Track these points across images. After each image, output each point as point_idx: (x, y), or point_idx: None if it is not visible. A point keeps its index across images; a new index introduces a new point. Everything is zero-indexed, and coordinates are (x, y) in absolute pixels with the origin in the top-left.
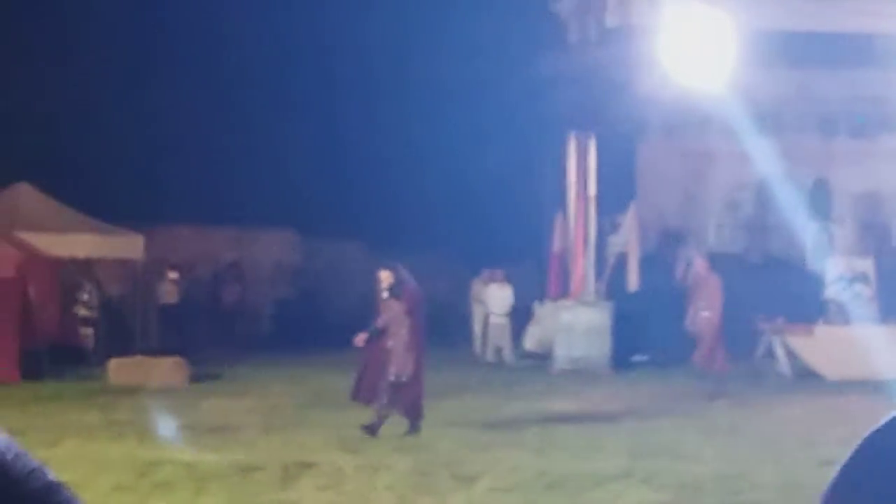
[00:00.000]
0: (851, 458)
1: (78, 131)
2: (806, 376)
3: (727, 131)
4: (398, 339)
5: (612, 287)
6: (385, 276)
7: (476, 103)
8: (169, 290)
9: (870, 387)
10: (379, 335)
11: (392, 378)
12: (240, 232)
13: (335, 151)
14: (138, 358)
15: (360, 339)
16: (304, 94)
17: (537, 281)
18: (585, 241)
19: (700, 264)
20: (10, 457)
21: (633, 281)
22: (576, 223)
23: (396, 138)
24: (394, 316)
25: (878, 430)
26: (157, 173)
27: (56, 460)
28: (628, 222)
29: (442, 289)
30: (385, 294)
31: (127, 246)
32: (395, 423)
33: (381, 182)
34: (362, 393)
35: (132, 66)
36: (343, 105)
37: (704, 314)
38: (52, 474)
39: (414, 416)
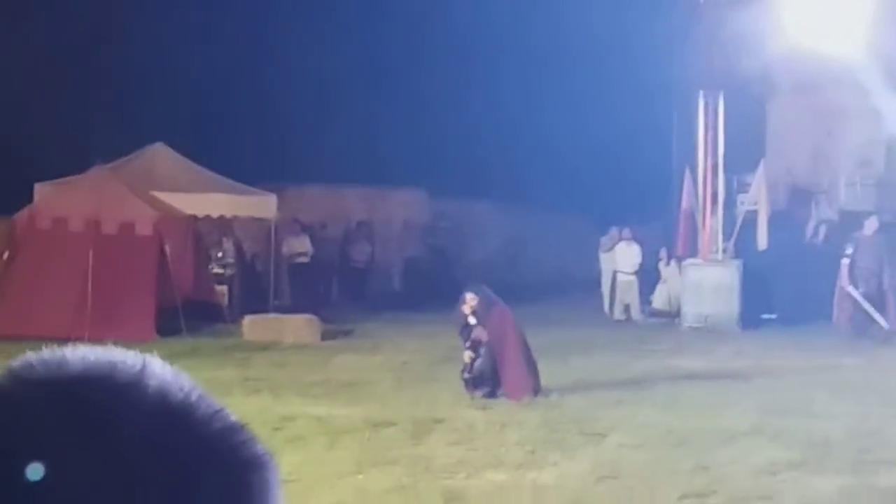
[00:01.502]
0: None
1: (212, 92)
2: None
3: (858, 88)
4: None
5: (741, 246)
6: (470, 300)
7: (606, 61)
8: (301, 249)
9: None
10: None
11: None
12: (369, 191)
13: (464, 111)
14: (272, 315)
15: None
16: (434, 51)
17: (666, 239)
18: (714, 199)
19: (870, 226)
20: (193, 398)
21: (762, 240)
22: (704, 182)
23: (526, 97)
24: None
25: None
26: (290, 133)
27: None
28: (758, 181)
29: (571, 247)
30: (471, 320)
31: (260, 205)
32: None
33: (509, 141)
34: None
35: (265, 26)
36: (471, 63)
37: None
38: (235, 416)
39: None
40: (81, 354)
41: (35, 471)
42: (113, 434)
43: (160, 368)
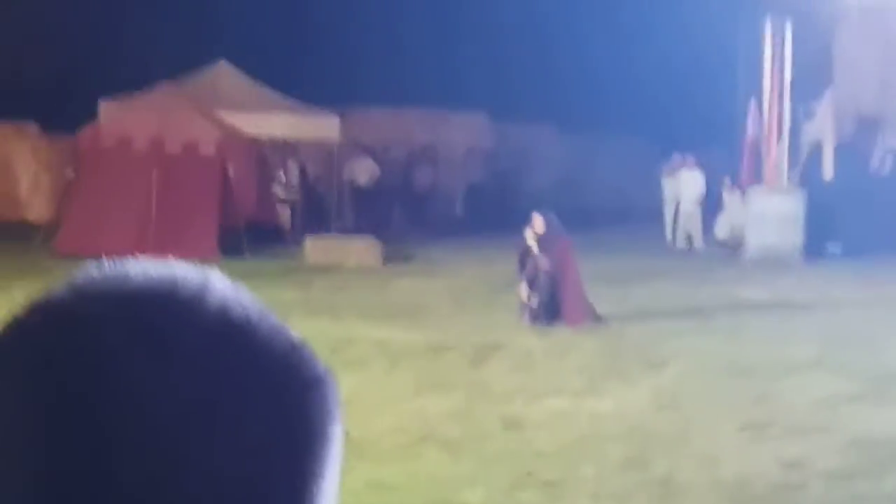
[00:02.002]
0: None
1: (275, 10)
2: None
3: None
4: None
5: (807, 175)
6: (538, 224)
7: None
8: (365, 171)
9: None
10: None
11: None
12: (432, 115)
13: (526, 35)
14: (334, 238)
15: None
16: None
17: (730, 167)
18: (780, 128)
19: None
20: (254, 316)
21: (827, 169)
22: (770, 110)
23: (590, 21)
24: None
25: None
26: (354, 55)
27: None
28: (824, 110)
29: (634, 174)
30: (533, 247)
31: (323, 127)
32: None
33: (573, 65)
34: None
35: None
36: None
37: None
38: (296, 334)
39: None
40: (143, 269)
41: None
42: (173, 354)
43: (222, 285)
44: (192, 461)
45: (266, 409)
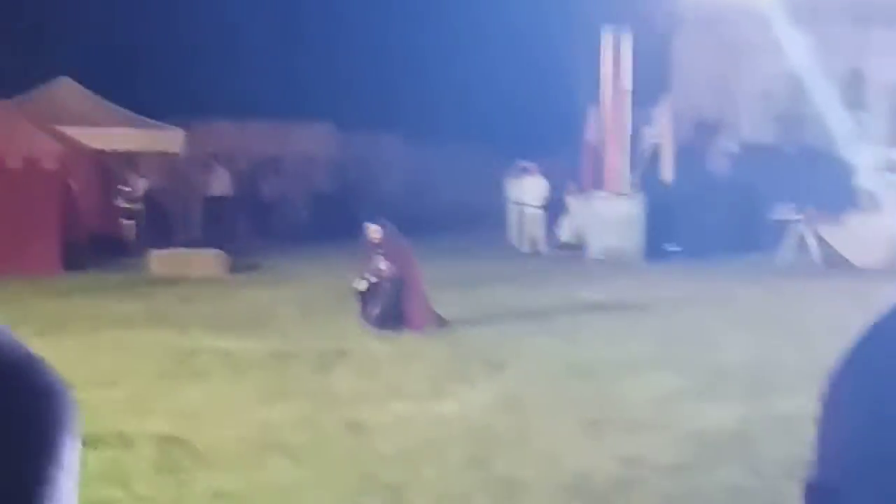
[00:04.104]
0: (859, 342)
1: (118, 26)
2: (837, 265)
3: (761, 23)
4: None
5: (646, 178)
6: (373, 232)
7: None
8: (220, 182)
9: None
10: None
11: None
12: (277, 126)
13: (370, 44)
14: (179, 250)
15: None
16: None
17: (571, 173)
18: (619, 132)
19: None
20: None
21: (666, 173)
22: (609, 116)
23: (432, 30)
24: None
25: (886, 315)
26: (197, 68)
27: (97, 348)
28: (662, 115)
29: (479, 181)
30: (377, 254)
31: (167, 140)
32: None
33: (416, 75)
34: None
35: None
36: None
37: None
38: (31, 349)
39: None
40: None
41: None
42: None
43: None
44: None
45: None
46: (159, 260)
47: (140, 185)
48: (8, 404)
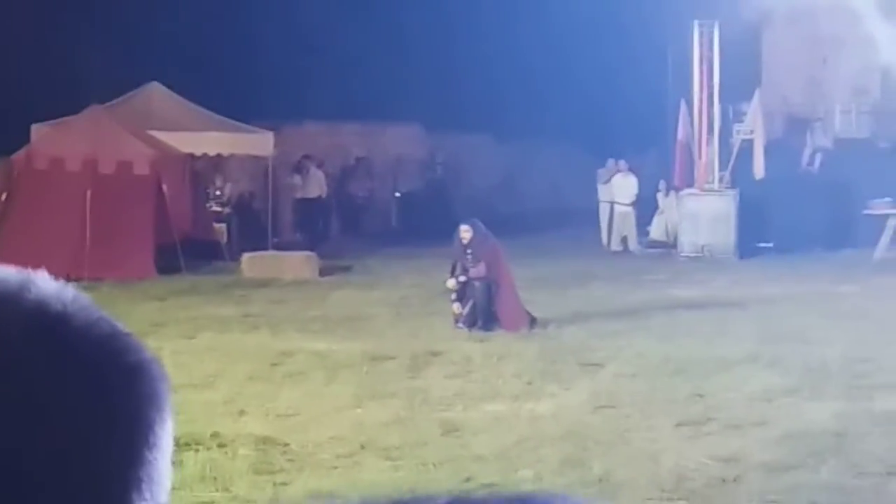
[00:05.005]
0: None
1: (208, 30)
2: None
3: (852, 16)
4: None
5: (738, 175)
6: (464, 231)
7: None
8: (309, 183)
9: None
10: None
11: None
12: (366, 127)
13: (460, 45)
14: (270, 252)
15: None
16: None
17: (662, 170)
18: (710, 129)
19: None
20: (72, 309)
21: (758, 169)
22: (700, 111)
23: (523, 29)
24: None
25: None
26: (286, 71)
27: (193, 351)
28: (753, 110)
29: (569, 179)
30: (468, 255)
31: (257, 143)
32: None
33: (507, 75)
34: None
35: None
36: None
37: None
38: (119, 324)
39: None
40: None
41: None
42: None
43: (44, 284)
44: (7, 447)
45: (83, 391)
46: (251, 263)
47: (231, 188)
48: (97, 382)
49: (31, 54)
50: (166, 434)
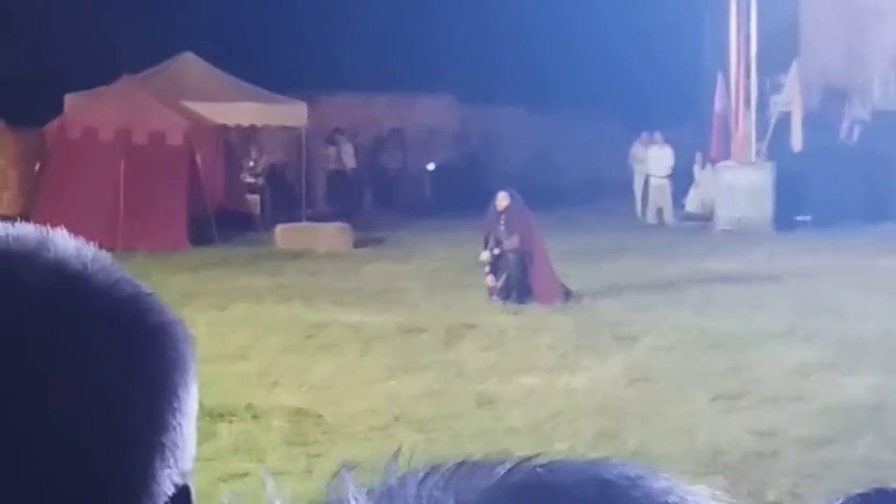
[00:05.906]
0: None
1: (242, 1)
2: None
3: None
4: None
5: (775, 147)
6: (502, 199)
7: None
8: (341, 155)
9: None
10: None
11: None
12: (399, 99)
13: (492, 17)
14: (304, 224)
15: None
16: None
17: (699, 142)
18: (747, 101)
19: None
20: (92, 269)
21: (796, 141)
22: (737, 83)
23: (556, 1)
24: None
25: None
26: (319, 42)
27: (226, 322)
28: (791, 81)
29: (603, 151)
30: (501, 223)
31: (290, 114)
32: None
33: (539, 45)
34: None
35: None
36: None
37: None
38: (142, 284)
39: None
40: None
41: None
42: (3, 307)
43: (62, 242)
44: (26, 410)
45: (103, 353)
46: (285, 234)
47: (264, 159)
48: (119, 344)
49: (64, 24)
50: (191, 399)
